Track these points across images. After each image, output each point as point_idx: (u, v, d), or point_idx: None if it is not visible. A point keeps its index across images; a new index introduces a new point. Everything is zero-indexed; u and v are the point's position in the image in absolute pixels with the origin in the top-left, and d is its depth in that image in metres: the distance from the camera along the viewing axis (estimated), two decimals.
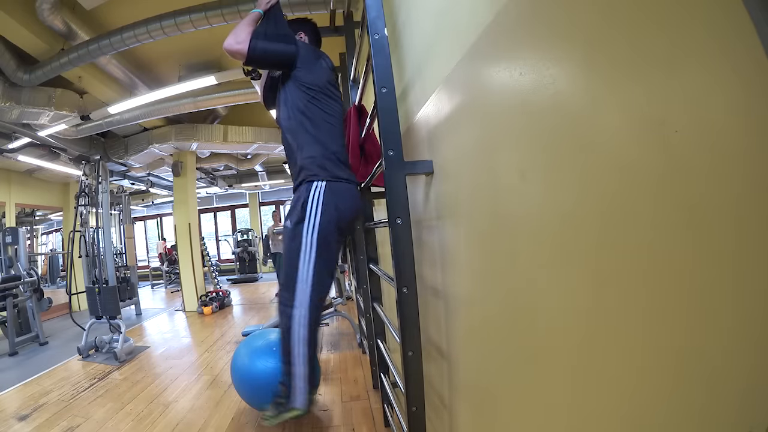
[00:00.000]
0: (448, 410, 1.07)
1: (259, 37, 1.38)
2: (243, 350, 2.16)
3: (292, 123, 1.46)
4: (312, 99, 1.44)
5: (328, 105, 1.47)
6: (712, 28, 0.31)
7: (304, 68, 1.45)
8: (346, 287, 4.64)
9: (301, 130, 1.44)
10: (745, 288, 0.29)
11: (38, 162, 4.85)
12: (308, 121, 1.43)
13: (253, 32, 1.39)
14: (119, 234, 6.84)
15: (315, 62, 1.49)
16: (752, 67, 0.27)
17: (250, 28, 1.40)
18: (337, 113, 1.50)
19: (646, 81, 0.36)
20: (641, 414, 0.39)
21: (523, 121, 0.58)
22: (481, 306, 0.80)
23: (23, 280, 4.14)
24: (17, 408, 2.52)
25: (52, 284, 7.47)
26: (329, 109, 1.46)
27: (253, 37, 1.37)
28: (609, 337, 0.43)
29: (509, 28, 0.60)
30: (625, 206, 0.40)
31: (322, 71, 1.50)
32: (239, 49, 1.35)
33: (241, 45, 1.35)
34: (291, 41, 1.47)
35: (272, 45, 1.41)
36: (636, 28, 0.37)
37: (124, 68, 3.36)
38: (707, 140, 0.31)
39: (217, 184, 8.03)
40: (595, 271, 0.45)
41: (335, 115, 1.49)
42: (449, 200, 0.95)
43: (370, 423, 1.98)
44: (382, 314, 1.67)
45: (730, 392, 0.30)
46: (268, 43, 1.40)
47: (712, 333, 0.32)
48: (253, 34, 1.38)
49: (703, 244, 0.32)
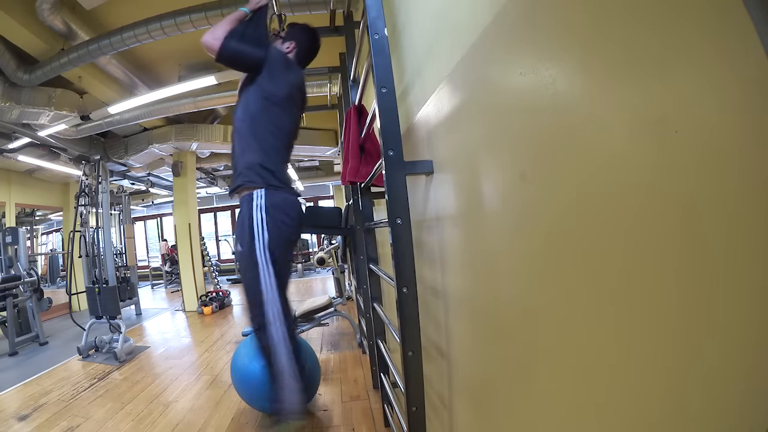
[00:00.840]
0: (448, 410, 1.07)
1: (234, 37, 1.39)
2: (243, 350, 2.16)
3: (243, 126, 1.46)
4: (265, 108, 1.43)
5: (280, 119, 1.46)
6: (712, 27, 0.31)
7: (268, 76, 1.44)
8: (346, 287, 4.64)
9: (248, 135, 1.43)
10: (744, 288, 0.29)
11: (38, 162, 4.85)
12: (256, 128, 1.43)
13: (231, 31, 1.39)
14: (119, 234, 6.83)
15: (282, 73, 1.47)
16: (752, 67, 0.27)
17: (230, 26, 1.41)
18: (285, 129, 1.48)
19: (645, 81, 0.36)
20: (641, 414, 0.39)
21: (522, 121, 0.58)
22: (481, 306, 0.80)
23: (23, 280, 4.14)
24: (17, 408, 2.52)
25: (52, 284, 7.46)
26: (279, 123, 1.45)
27: (229, 35, 1.38)
28: (608, 337, 0.43)
29: (508, 29, 0.60)
30: (625, 206, 0.40)
31: (285, 84, 1.47)
32: (212, 45, 1.37)
33: (216, 41, 1.36)
34: (263, 46, 1.46)
35: (243, 47, 1.41)
36: (636, 27, 0.37)
37: (124, 68, 3.36)
38: (706, 140, 0.31)
39: (217, 184, 8.03)
40: (594, 270, 0.45)
41: (283, 130, 1.47)
42: (449, 200, 0.95)
43: (370, 423, 1.98)
44: (382, 314, 1.67)
45: (729, 392, 0.30)
46: (239, 44, 1.40)
47: (711, 333, 0.32)
48: (229, 33, 1.38)
49: (702, 244, 0.32)
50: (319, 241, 9.62)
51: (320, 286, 7.15)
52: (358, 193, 2.01)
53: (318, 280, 7.95)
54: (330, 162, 7.66)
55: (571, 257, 0.49)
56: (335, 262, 4.10)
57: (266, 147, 1.42)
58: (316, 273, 8.86)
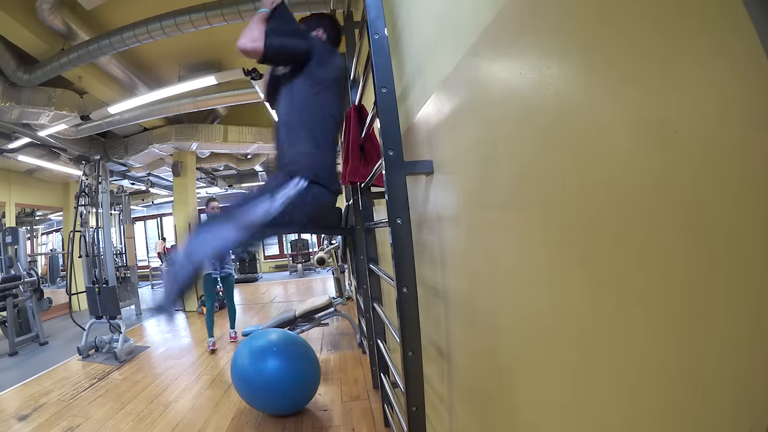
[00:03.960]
0: (448, 410, 1.07)
1: (273, 35, 1.38)
2: (243, 350, 2.16)
3: (291, 117, 1.45)
4: (318, 93, 1.44)
5: (331, 105, 1.47)
6: (711, 27, 0.31)
7: (317, 64, 1.45)
8: (346, 287, 4.64)
9: (297, 125, 1.43)
10: (744, 288, 0.29)
11: (38, 162, 4.85)
12: (307, 117, 1.42)
13: (267, 30, 1.38)
14: (119, 234, 6.83)
15: (330, 58, 1.50)
16: (752, 67, 0.27)
17: (262, 26, 1.39)
18: (335, 116, 1.49)
19: (646, 81, 0.36)
20: (641, 414, 0.39)
21: (523, 121, 0.58)
22: (481, 306, 0.80)
23: (23, 280, 4.14)
24: (17, 408, 2.52)
25: (52, 284, 7.46)
26: (329, 109, 1.46)
27: (268, 34, 1.36)
28: (608, 338, 0.43)
29: (509, 28, 0.60)
30: (625, 206, 0.40)
31: (334, 68, 1.50)
32: (255, 47, 1.34)
33: (257, 43, 1.34)
34: (304, 36, 1.48)
35: (288, 40, 1.41)
36: (636, 27, 0.37)
37: (124, 68, 3.36)
38: (707, 140, 0.31)
39: (217, 184, 8.03)
40: (595, 271, 0.45)
41: (334, 117, 1.48)
42: (449, 200, 0.95)
43: (370, 423, 1.98)
44: (382, 314, 1.67)
45: (729, 393, 0.30)
46: (283, 39, 1.40)
47: (712, 333, 0.32)
48: (266, 32, 1.37)
49: (702, 245, 0.32)
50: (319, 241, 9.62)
51: (320, 286, 7.15)
52: (358, 193, 2.01)
53: (318, 280, 7.95)
54: None
55: (571, 257, 0.49)
56: (335, 262, 4.10)
57: (318, 137, 1.41)
58: (316, 273, 8.86)
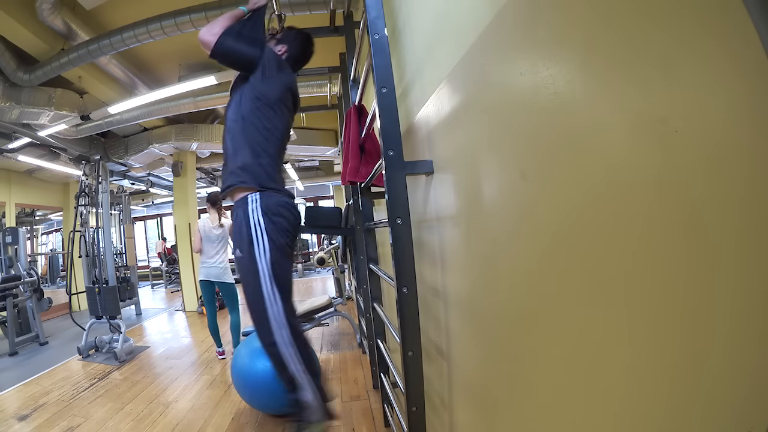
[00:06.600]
0: (448, 410, 1.07)
1: (230, 34, 1.38)
2: (243, 350, 2.16)
3: (235, 126, 1.45)
4: (257, 109, 1.42)
5: (271, 120, 1.44)
6: (711, 28, 0.31)
7: (261, 76, 1.43)
8: (346, 287, 4.64)
9: (240, 135, 1.42)
10: (744, 288, 0.29)
11: (38, 162, 4.85)
12: (248, 128, 1.42)
13: (228, 28, 1.39)
14: (119, 234, 6.83)
15: (275, 75, 1.45)
16: (752, 67, 0.27)
17: (228, 23, 1.40)
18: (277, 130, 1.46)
19: (645, 81, 0.36)
20: (641, 414, 0.39)
21: (523, 121, 0.58)
22: (481, 306, 0.80)
23: (23, 280, 4.14)
24: (17, 408, 2.52)
25: (52, 284, 7.47)
26: (270, 125, 1.43)
27: (225, 32, 1.37)
28: (608, 337, 0.43)
29: (509, 29, 0.60)
30: (625, 206, 0.40)
31: (278, 86, 1.46)
32: (208, 41, 1.37)
33: (212, 37, 1.36)
34: (258, 46, 1.45)
35: (238, 45, 1.41)
36: (635, 27, 0.37)
37: (124, 68, 3.36)
38: (707, 140, 0.31)
39: (217, 184, 8.02)
40: (595, 271, 0.45)
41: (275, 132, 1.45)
42: (449, 200, 0.95)
43: (370, 423, 1.98)
44: (382, 314, 1.67)
45: (729, 392, 0.30)
46: (235, 42, 1.40)
47: (712, 333, 0.32)
48: (225, 30, 1.38)
49: (704, 245, 0.32)
50: (319, 241, 9.62)
51: (320, 286, 7.15)
52: (358, 193, 2.01)
53: (318, 280, 7.95)
54: (330, 162, 7.66)
55: (571, 257, 0.49)
56: (335, 262, 4.10)
57: (258, 148, 1.40)
58: (316, 273, 8.85)
